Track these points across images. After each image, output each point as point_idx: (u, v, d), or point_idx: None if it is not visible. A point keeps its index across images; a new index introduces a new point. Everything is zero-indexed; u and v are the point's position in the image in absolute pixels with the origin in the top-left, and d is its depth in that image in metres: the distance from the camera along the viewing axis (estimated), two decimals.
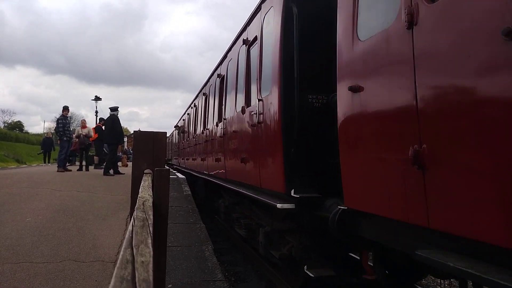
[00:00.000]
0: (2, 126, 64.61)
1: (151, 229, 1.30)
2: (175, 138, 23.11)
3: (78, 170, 14.50)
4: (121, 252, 0.96)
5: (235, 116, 6.59)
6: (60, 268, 4.31)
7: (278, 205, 4.08)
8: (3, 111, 74.39)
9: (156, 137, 3.22)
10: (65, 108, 13.61)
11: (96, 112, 30.13)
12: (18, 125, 72.40)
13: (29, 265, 4.35)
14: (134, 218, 1.38)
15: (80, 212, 6.78)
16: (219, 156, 7.94)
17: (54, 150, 24.07)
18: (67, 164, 14.70)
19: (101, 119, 16.66)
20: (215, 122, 8.75)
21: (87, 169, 14.69)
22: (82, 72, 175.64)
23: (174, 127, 23.51)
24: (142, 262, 0.89)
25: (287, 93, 4.35)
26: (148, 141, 3.19)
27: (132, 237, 1.11)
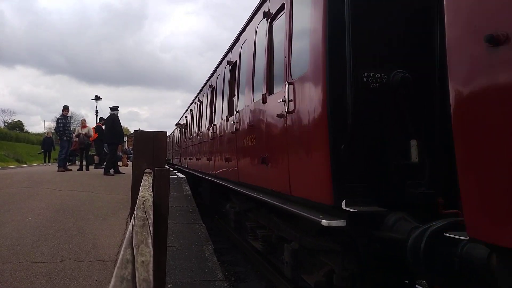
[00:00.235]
0: (2, 125, 64.70)
1: (151, 228, 1.30)
2: (177, 136, 22.08)
3: (78, 169, 14.51)
4: (122, 252, 0.96)
5: (252, 108, 5.65)
6: (60, 267, 4.32)
7: (323, 221, 3.09)
8: (3, 111, 74.62)
9: (156, 137, 3.22)
10: (65, 108, 13.60)
11: (96, 111, 30.15)
12: (19, 125, 72.46)
13: (29, 265, 4.35)
14: (134, 217, 1.38)
15: (80, 212, 6.78)
16: (229, 156, 7.09)
17: (54, 150, 24.11)
18: (67, 163, 14.71)
19: (101, 118, 16.66)
20: (224, 116, 7.78)
21: (87, 169, 14.70)
22: (82, 72, 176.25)
23: (176, 125, 22.56)
24: (143, 261, 0.89)
25: (334, 70, 3.31)
26: (148, 141, 3.19)
27: (132, 236, 1.11)
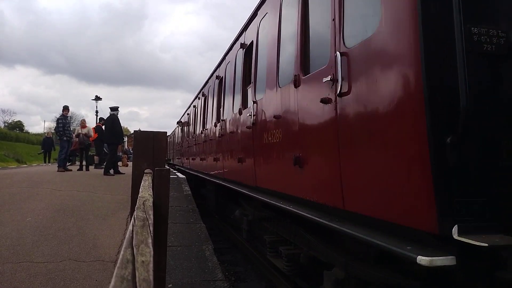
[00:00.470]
0: (2, 126, 64.74)
1: (151, 228, 1.30)
2: (178, 135, 21.15)
3: (78, 170, 14.51)
4: (122, 252, 0.96)
5: (277, 95, 4.68)
6: (60, 267, 4.32)
7: (421, 259, 2.02)
8: (3, 111, 74.72)
9: (156, 137, 3.23)
10: (65, 108, 13.60)
11: (96, 112, 30.21)
12: (19, 125, 72.52)
13: (30, 265, 4.35)
14: (134, 217, 1.38)
15: (80, 212, 6.78)
16: (242, 155, 6.25)
17: (54, 150, 24.11)
18: (67, 164, 14.71)
19: (101, 118, 16.66)
20: (236, 109, 6.91)
21: (87, 169, 14.70)
22: (82, 72, 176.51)
23: (177, 123, 21.62)
24: (143, 261, 0.89)
25: (431, 22, 2.20)
26: (148, 141, 3.20)
27: (132, 236, 1.11)
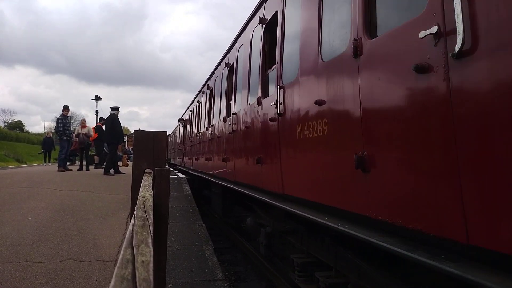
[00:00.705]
0: (2, 125, 64.75)
1: (151, 228, 1.29)
2: (179, 134, 20.15)
3: (78, 169, 14.51)
4: (122, 252, 0.96)
5: (320, 74, 3.37)
6: (60, 267, 4.32)
7: None
8: (3, 111, 74.85)
9: (156, 137, 3.22)
10: (65, 108, 13.59)
11: (97, 111, 30.21)
12: (19, 125, 72.55)
13: (30, 265, 4.35)
14: (134, 217, 1.38)
15: (80, 212, 6.78)
16: (261, 156, 5.06)
17: (54, 150, 24.13)
18: (67, 163, 14.71)
19: (101, 118, 16.67)
20: (252, 100, 5.77)
21: (88, 169, 14.71)
22: (82, 71, 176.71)
23: (178, 121, 20.63)
24: (143, 261, 0.89)
25: None
26: (149, 140, 3.19)
27: (132, 236, 1.11)
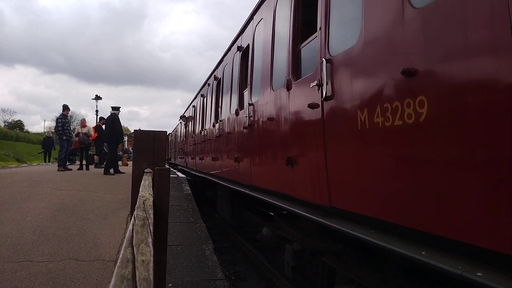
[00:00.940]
0: (2, 125, 64.77)
1: (151, 228, 1.30)
2: (181, 132, 19.17)
3: (78, 169, 14.51)
4: (122, 251, 0.96)
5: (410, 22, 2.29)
6: (60, 267, 4.32)
7: None
8: (3, 110, 74.89)
9: (156, 136, 3.22)
10: (65, 108, 13.59)
11: (97, 111, 30.22)
12: (19, 124, 72.55)
13: (30, 264, 4.35)
14: (134, 217, 1.38)
15: (80, 211, 6.78)
16: (291, 155, 4.04)
17: (54, 149, 24.12)
18: (67, 163, 14.71)
19: (101, 118, 16.67)
20: (277, 86, 4.68)
21: (87, 168, 14.71)
22: (82, 71, 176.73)
23: (180, 118, 19.50)
24: (143, 261, 0.89)
25: None
26: (149, 140, 3.19)
27: (132, 236, 1.11)
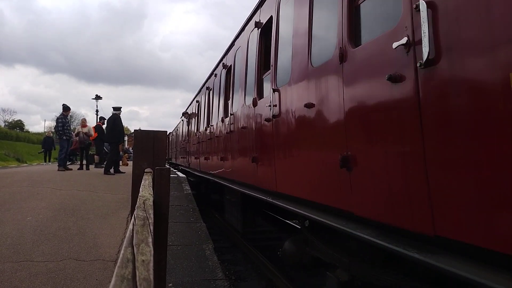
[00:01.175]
0: (2, 125, 64.76)
1: (151, 228, 1.29)
2: (183, 130, 18.14)
3: (78, 169, 14.51)
4: (122, 251, 0.96)
5: None
6: (60, 267, 4.32)
7: None
8: (3, 110, 74.91)
9: (156, 136, 3.22)
10: (66, 109, 13.58)
11: (97, 111, 30.20)
12: (19, 124, 72.52)
13: (30, 264, 4.35)
14: (134, 217, 1.38)
15: (80, 211, 6.78)
16: (355, 154, 2.80)
17: (54, 149, 24.12)
18: (67, 163, 14.71)
19: (101, 118, 16.67)
20: (320, 58, 3.52)
21: (88, 168, 14.71)
22: (82, 71, 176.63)
23: (182, 115, 18.24)
24: (143, 261, 0.89)
25: None
26: (149, 140, 3.19)
27: (132, 236, 1.11)
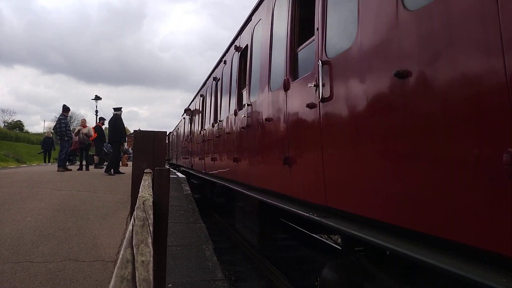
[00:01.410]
0: (2, 125, 64.79)
1: (151, 228, 1.29)
2: (184, 129, 17.20)
3: (78, 169, 14.52)
4: (121, 252, 0.95)
5: None
6: (60, 267, 4.31)
7: None
8: (3, 111, 74.88)
9: (156, 137, 3.22)
10: (66, 110, 13.59)
11: (96, 111, 30.17)
12: (18, 125, 72.53)
13: (29, 265, 4.35)
14: (134, 217, 1.38)
15: (80, 212, 6.78)
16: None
17: (54, 150, 24.12)
18: (67, 163, 14.71)
19: (100, 118, 16.69)
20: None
21: (87, 169, 14.71)
22: (81, 71, 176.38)
23: (184, 112, 17.08)
24: (143, 261, 0.89)
25: None
26: (148, 140, 3.19)
27: (132, 236, 1.10)
